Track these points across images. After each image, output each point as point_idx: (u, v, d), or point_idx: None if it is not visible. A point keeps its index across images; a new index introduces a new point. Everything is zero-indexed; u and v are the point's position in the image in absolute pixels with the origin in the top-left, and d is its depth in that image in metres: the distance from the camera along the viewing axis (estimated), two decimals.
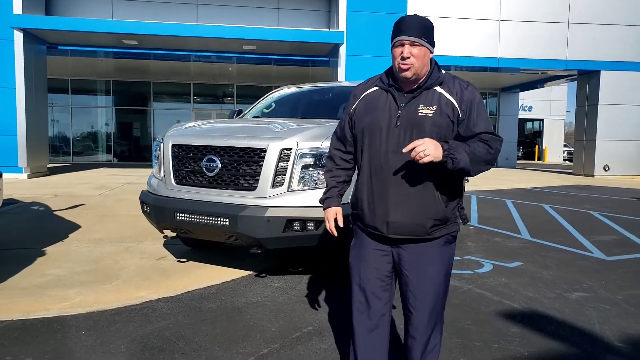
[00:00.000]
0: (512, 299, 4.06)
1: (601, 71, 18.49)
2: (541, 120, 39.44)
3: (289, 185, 3.95)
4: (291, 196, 3.93)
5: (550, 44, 18.12)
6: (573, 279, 4.68)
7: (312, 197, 3.93)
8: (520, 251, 5.83)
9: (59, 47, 16.10)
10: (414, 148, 1.94)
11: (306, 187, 3.95)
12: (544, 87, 27.20)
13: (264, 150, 3.96)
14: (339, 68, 14.36)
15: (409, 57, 2.08)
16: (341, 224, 2.33)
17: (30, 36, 13.95)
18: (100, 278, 4.34)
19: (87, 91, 23.41)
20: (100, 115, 23.53)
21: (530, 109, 37.27)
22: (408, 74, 2.10)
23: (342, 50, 14.38)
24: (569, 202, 10.77)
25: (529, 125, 41.24)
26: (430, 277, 2.18)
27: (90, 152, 23.39)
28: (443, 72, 2.21)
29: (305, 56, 17.06)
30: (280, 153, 3.94)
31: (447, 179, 2.13)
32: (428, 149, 1.92)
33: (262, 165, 3.95)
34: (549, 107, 38.50)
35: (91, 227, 6.47)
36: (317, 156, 3.97)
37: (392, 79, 2.21)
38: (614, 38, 18.35)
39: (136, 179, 13.58)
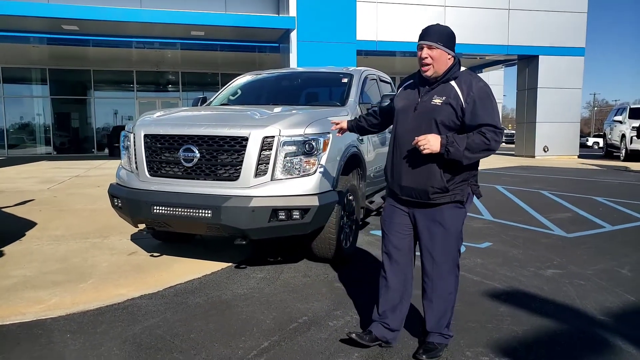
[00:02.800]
0: (492, 279, 4.17)
1: (539, 56, 19.29)
2: None
3: (273, 174, 3.86)
4: (275, 185, 3.85)
5: (493, 30, 18.72)
6: (543, 257, 4.87)
7: (297, 186, 3.88)
8: (486, 232, 6.01)
9: None
10: (419, 142, 2.50)
11: (290, 176, 3.88)
12: (482, 72, 28.05)
13: (245, 139, 3.85)
14: (290, 54, 14.19)
15: (426, 58, 2.60)
16: (339, 126, 3.38)
17: None
18: (73, 277, 4.10)
19: (20, 80, 22.05)
20: (37, 106, 22.23)
21: None
22: (428, 72, 2.64)
23: (293, 36, 14.21)
24: (518, 182, 11.21)
25: None
26: (438, 235, 2.69)
27: (27, 145, 22.08)
28: (463, 69, 2.68)
29: (254, 42, 16.75)
30: (263, 141, 3.84)
31: (450, 162, 2.57)
32: (428, 144, 2.49)
33: (243, 154, 3.84)
34: None
35: (48, 224, 6.11)
36: (300, 143, 3.90)
37: (420, 76, 2.74)
38: (551, 24, 19.17)
39: (83, 171, 12.97)
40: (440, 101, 2.58)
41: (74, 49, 17.93)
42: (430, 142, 2.48)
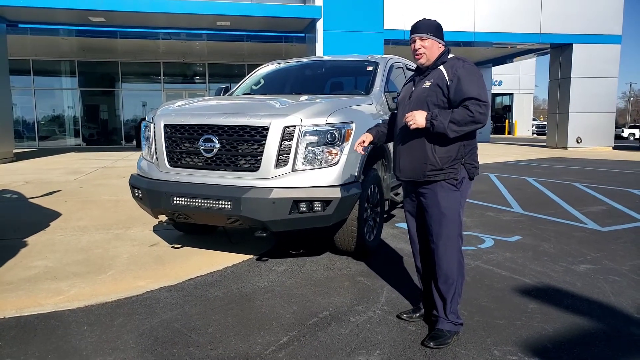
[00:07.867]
0: (521, 273, 4.00)
1: (573, 44, 18.68)
2: (510, 94, 39.88)
3: (294, 165, 3.75)
4: (296, 176, 3.75)
5: (524, 18, 18.18)
6: (576, 251, 4.66)
7: (318, 177, 3.78)
8: (516, 225, 5.81)
9: (20, 25, 15.25)
10: (407, 118, 2.71)
11: (312, 166, 3.77)
12: (512, 62, 27.38)
13: (265, 129, 3.75)
14: (316, 44, 14.01)
15: (420, 48, 2.85)
16: (366, 143, 3.19)
17: None
18: (93, 268, 4.09)
19: (50, 72, 22.40)
20: (66, 98, 22.55)
21: (500, 83, 37.62)
22: (422, 60, 2.88)
23: (319, 25, 14.01)
24: (550, 174, 10.88)
25: (498, 99, 41.67)
26: (434, 217, 2.82)
27: (57, 137, 22.44)
28: (452, 55, 2.86)
29: (280, 32, 16.62)
30: (284, 131, 3.73)
31: (438, 137, 2.71)
32: (414, 119, 2.67)
33: (264, 144, 3.75)
34: (518, 81, 38.92)
35: (73, 215, 6.15)
36: (322, 133, 3.79)
37: (417, 69, 3.02)
38: (585, 11, 18.52)
39: (110, 162, 13.12)
40: (429, 83, 2.79)
41: (102, 41, 18.11)
42: (416, 117, 2.66)
